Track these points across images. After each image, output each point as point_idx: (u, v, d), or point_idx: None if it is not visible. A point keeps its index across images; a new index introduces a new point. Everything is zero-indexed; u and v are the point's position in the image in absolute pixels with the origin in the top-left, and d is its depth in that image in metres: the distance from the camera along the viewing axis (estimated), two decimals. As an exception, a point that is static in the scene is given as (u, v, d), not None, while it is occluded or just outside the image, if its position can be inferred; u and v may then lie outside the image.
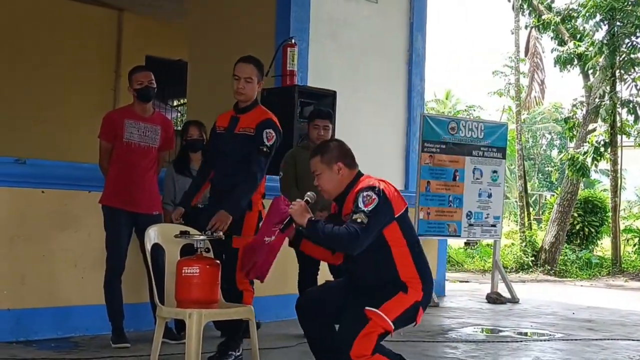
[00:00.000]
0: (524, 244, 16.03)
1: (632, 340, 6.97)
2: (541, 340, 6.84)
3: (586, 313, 8.84)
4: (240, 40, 9.15)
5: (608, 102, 15.18)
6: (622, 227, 17.19)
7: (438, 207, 9.17)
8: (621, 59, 15.26)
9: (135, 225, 5.55)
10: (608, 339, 6.93)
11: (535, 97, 27.14)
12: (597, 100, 15.47)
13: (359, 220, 3.73)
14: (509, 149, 16.67)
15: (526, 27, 19.07)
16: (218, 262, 4.46)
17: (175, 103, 17.09)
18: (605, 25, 15.45)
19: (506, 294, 9.63)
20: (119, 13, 13.14)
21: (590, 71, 16.03)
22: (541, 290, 12.08)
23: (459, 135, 9.34)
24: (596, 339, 6.88)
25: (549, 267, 15.18)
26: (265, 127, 4.99)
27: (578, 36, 16.28)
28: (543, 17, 16.27)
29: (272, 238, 4.08)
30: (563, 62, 15.91)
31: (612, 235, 15.97)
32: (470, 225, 9.47)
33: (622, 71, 15.51)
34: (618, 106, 15.39)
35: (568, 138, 18.61)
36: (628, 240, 17.67)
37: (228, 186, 4.92)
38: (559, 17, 16.31)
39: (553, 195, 24.42)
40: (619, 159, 16.01)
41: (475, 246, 17.82)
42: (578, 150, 15.50)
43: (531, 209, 20.15)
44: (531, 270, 15.19)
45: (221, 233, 4.65)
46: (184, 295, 4.33)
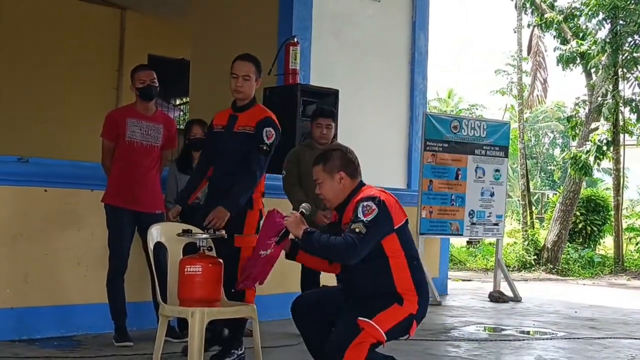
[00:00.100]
0: (527, 243, 16.02)
1: (635, 339, 6.96)
2: (543, 338, 6.83)
3: (588, 312, 8.84)
4: (242, 38, 9.16)
5: (611, 101, 15.17)
6: (625, 226, 17.18)
7: (440, 206, 9.18)
8: (624, 58, 15.24)
9: (137, 224, 5.55)
10: (610, 338, 6.92)
11: (537, 96, 27.09)
12: (600, 99, 15.46)
13: (357, 230, 3.71)
14: (512, 148, 16.71)
15: (529, 26, 19.04)
16: (220, 261, 4.45)
17: (177, 102, 17.12)
18: (608, 23, 15.44)
19: (508, 293, 9.63)
20: (122, 12, 13.17)
21: (592, 70, 16.02)
22: (543, 289, 12.07)
23: (462, 134, 9.34)
24: (598, 338, 6.88)
25: (552, 266, 15.16)
26: (265, 126, 4.98)
27: (581, 35, 16.27)
28: (546, 16, 16.26)
29: (268, 252, 4.06)
30: (566, 61, 15.88)
31: (615, 234, 15.96)
32: (472, 224, 9.47)
33: (625, 70, 15.50)
34: (621, 105, 15.38)
35: (570, 137, 18.60)
36: (630, 238, 17.67)
37: (227, 185, 4.91)
38: (562, 16, 16.30)
39: (555, 194, 24.43)
40: (622, 158, 16.00)
41: (477, 245, 17.83)
42: (580, 149, 15.48)
43: (533, 208, 20.15)
44: (533, 269, 15.18)
45: (224, 232, 4.65)
46: (187, 293, 4.32)
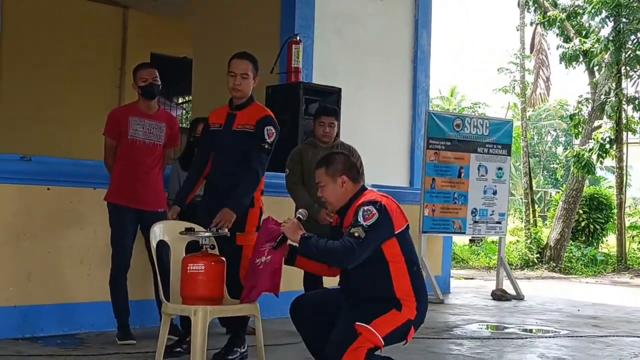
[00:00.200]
0: (529, 241, 16.01)
1: (638, 337, 6.96)
2: (546, 337, 6.83)
3: (591, 310, 8.84)
4: (245, 37, 9.17)
5: (613, 99, 15.17)
6: (628, 224, 17.18)
7: (443, 204, 9.18)
8: (627, 56, 15.23)
9: (140, 222, 5.55)
10: (613, 336, 6.92)
11: (540, 94, 27.13)
12: (603, 97, 15.45)
13: (357, 234, 3.71)
14: (514, 146, 16.61)
15: (531, 24, 19.05)
16: (223, 259, 4.44)
17: (180, 100, 17.11)
18: (611, 21, 15.43)
19: (511, 291, 9.63)
20: (124, 10, 13.18)
21: (595, 68, 16.01)
22: (546, 287, 12.06)
23: (464, 132, 9.34)
24: (601, 336, 6.88)
25: (554, 264, 15.16)
26: (265, 124, 4.97)
27: (584, 33, 16.25)
28: (548, 14, 16.25)
29: (263, 259, 4.05)
30: (568, 59, 15.87)
31: (618, 232, 15.96)
32: (475, 222, 9.47)
33: (628, 68, 15.50)
34: (624, 103, 15.39)
35: (573, 135, 18.57)
36: (633, 237, 17.67)
37: (227, 185, 4.89)
38: (565, 14, 16.29)
39: (558, 192, 24.35)
40: (625, 156, 16.00)
41: (480, 243, 17.81)
42: (583, 147, 15.47)
43: (536, 206, 20.14)
44: (536, 267, 15.18)
45: (226, 230, 4.65)
46: (189, 292, 4.32)
